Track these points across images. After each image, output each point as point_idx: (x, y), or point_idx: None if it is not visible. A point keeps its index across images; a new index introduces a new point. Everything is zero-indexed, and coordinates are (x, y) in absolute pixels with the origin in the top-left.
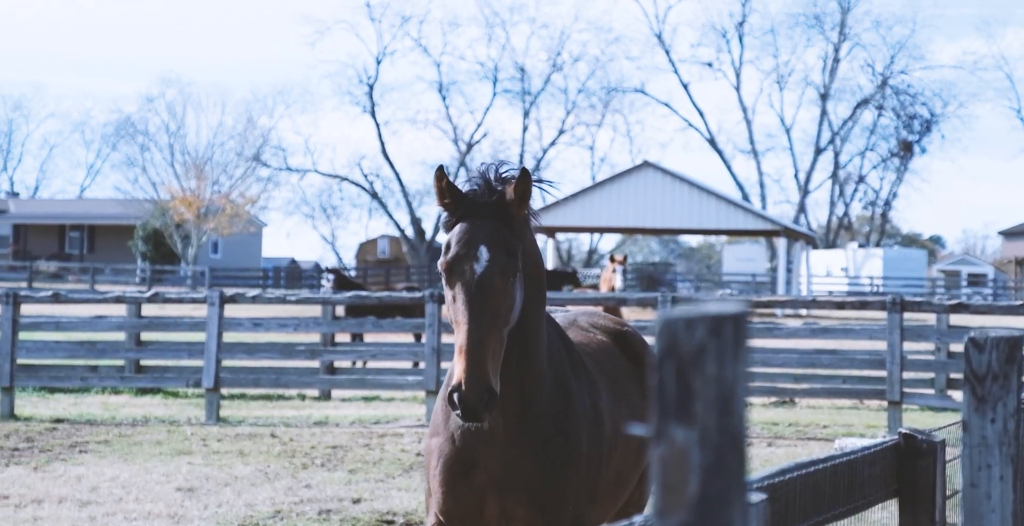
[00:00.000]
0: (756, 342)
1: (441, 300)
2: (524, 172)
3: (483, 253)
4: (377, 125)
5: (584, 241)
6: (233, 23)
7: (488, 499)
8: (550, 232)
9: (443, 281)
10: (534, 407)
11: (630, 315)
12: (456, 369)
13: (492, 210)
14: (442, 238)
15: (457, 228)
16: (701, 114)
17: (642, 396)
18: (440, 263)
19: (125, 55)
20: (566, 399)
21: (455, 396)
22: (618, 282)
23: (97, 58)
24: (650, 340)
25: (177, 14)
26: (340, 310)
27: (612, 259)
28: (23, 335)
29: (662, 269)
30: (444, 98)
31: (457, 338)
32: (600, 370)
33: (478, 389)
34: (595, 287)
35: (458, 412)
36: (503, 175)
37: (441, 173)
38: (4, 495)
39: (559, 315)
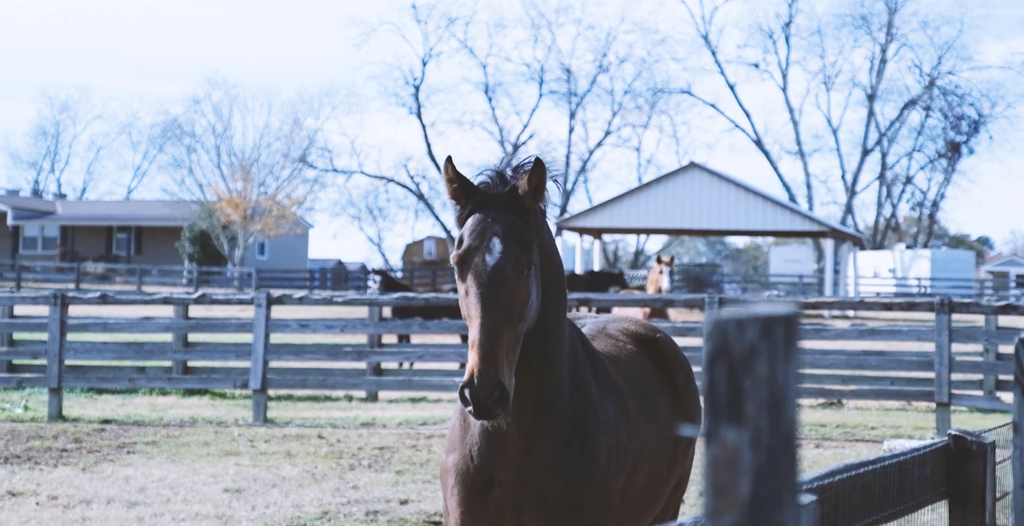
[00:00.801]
0: (804, 343)
1: None
2: (538, 162)
3: (496, 245)
4: (423, 126)
5: (631, 242)
6: (279, 25)
7: (505, 515)
8: (596, 233)
9: (456, 275)
10: (550, 414)
11: (677, 316)
12: (468, 364)
13: (505, 202)
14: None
15: (470, 220)
16: (747, 115)
17: (673, 406)
18: (452, 256)
19: (172, 57)
20: (586, 407)
21: (466, 391)
22: (665, 283)
23: (144, 60)
24: (698, 342)
25: (224, 16)
26: (387, 311)
27: (659, 260)
28: (71, 336)
29: (709, 270)
30: (490, 99)
31: (470, 333)
32: (628, 381)
33: (490, 384)
34: (642, 288)
35: (470, 408)
36: (517, 167)
37: (450, 163)
38: (53, 495)
39: (588, 322)
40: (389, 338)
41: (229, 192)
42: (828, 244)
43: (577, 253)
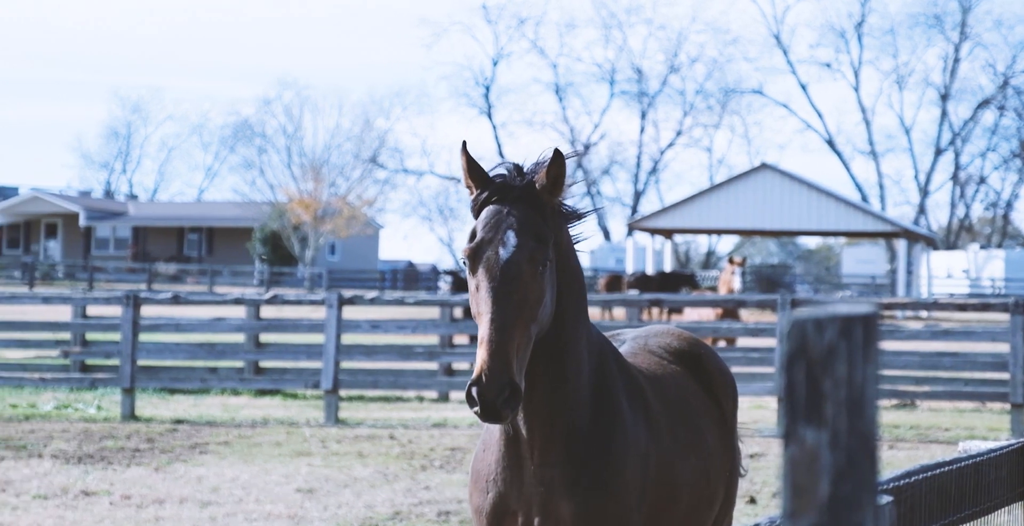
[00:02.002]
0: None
1: None
2: (557, 153)
3: (510, 238)
4: (494, 127)
5: (702, 243)
6: (350, 26)
7: None
8: (668, 234)
9: (467, 269)
10: (567, 436)
11: (749, 317)
12: (477, 362)
13: (522, 194)
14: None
15: (484, 212)
16: (820, 115)
17: (720, 434)
18: (464, 250)
19: (243, 58)
20: (611, 430)
21: (473, 390)
22: (737, 284)
23: (215, 61)
24: (770, 342)
25: (294, 18)
26: (458, 312)
27: (731, 261)
28: (143, 336)
29: (781, 271)
30: (561, 100)
31: (480, 330)
32: (670, 405)
33: (499, 382)
34: (713, 289)
35: (476, 409)
36: (538, 162)
37: (464, 150)
38: (126, 495)
39: (629, 338)
40: (460, 339)
41: (300, 193)
42: (901, 245)
43: (648, 254)
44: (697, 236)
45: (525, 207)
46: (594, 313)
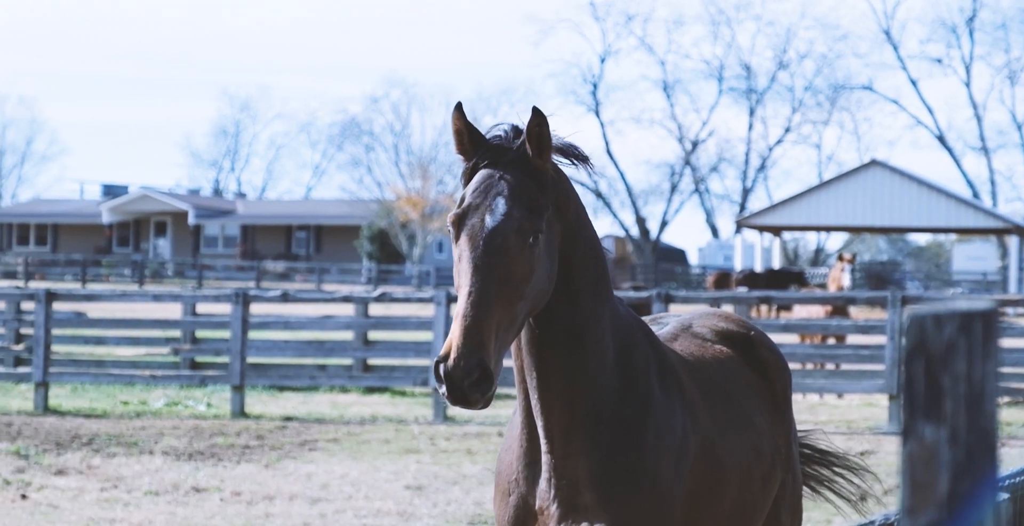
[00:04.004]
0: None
1: (668, 299)
2: (534, 111)
3: (499, 205)
4: (601, 124)
5: (811, 240)
6: (457, 24)
7: None
8: (776, 231)
9: (451, 238)
10: (589, 423)
11: (858, 314)
12: (448, 337)
13: (516, 158)
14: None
15: (476, 177)
16: (930, 111)
17: (772, 415)
18: (449, 216)
19: (350, 56)
20: (641, 415)
21: (440, 368)
22: (846, 281)
23: (323, 60)
24: (880, 339)
25: (402, 16)
26: None
27: (841, 258)
28: (252, 334)
29: (890, 268)
30: (669, 97)
31: (457, 304)
32: (710, 386)
33: (468, 362)
34: (823, 286)
35: (443, 390)
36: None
37: (459, 111)
38: (236, 492)
39: (672, 321)
40: None
41: (407, 191)
42: (1013, 241)
43: (757, 251)
44: (806, 233)
45: (519, 172)
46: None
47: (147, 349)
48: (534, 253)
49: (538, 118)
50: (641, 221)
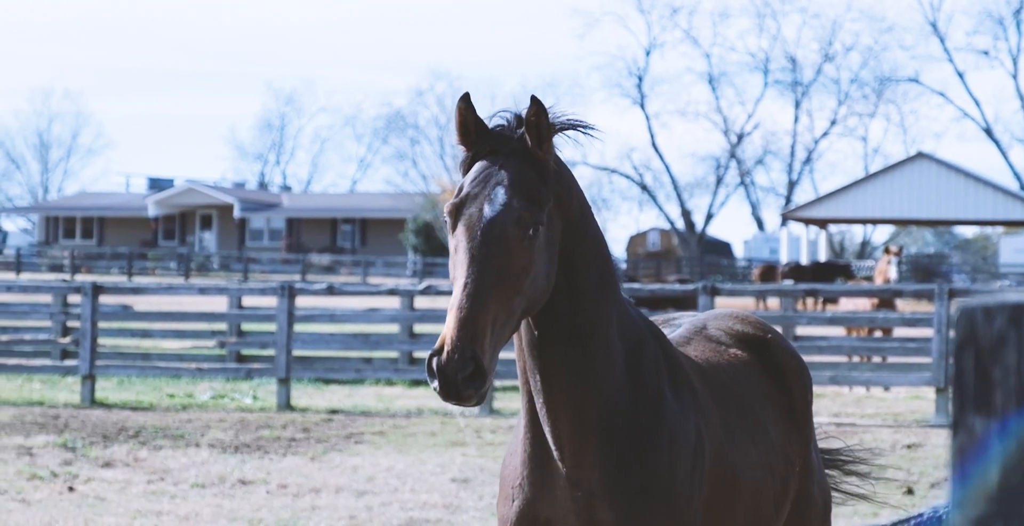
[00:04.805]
0: None
1: (714, 292)
2: (532, 100)
3: (498, 195)
4: (647, 117)
5: (857, 233)
6: (502, 17)
7: None
8: (822, 224)
9: (447, 228)
10: (601, 432)
11: (905, 307)
12: (443, 331)
13: (518, 148)
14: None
15: (474, 167)
16: (977, 103)
17: (786, 426)
18: (446, 205)
19: (395, 49)
20: (654, 424)
21: (433, 362)
22: (893, 274)
23: (367, 52)
24: (927, 332)
25: (447, 9)
26: None
27: (887, 251)
28: (298, 327)
29: (937, 260)
30: (714, 90)
31: (452, 296)
32: (724, 394)
33: (463, 356)
34: (869, 279)
35: (435, 384)
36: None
37: (466, 101)
38: (282, 484)
39: (685, 322)
40: None
41: (452, 184)
42: None
43: (803, 244)
44: (852, 226)
45: (521, 162)
46: (748, 303)
47: (193, 342)
48: (534, 246)
49: (536, 107)
50: (687, 214)
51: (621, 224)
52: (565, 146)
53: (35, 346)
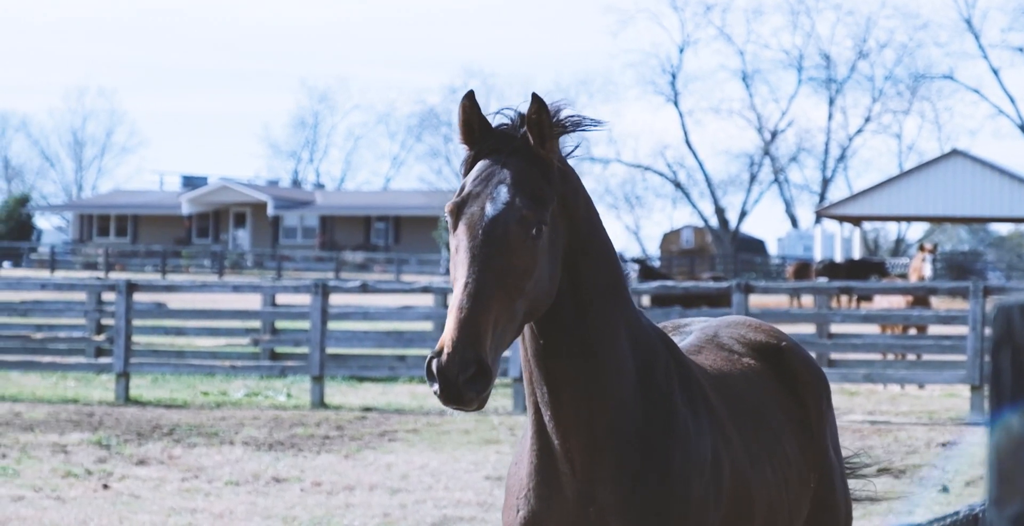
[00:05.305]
0: None
1: (748, 290)
2: (533, 98)
3: (501, 193)
4: (680, 115)
5: (891, 230)
6: (536, 14)
7: None
8: (856, 221)
9: (448, 227)
10: (614, 445)
11: (939, 305)
12: (444, 333)
13: (522, 146)
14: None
15: (476, 166)
16: (1012, 100)
17: (800, 439)
18: (447, 205)
19: (429, 47)
20: (668, 430)
21: (433, 364)
22: (927, 271)
23: (401, 50)
24: (962, 330)
25: (480, 6)
26: (645, 300)
27: (922, 248)
28: (332, 325)
29: (972, 258)
30: (748, 87)
31: (452, 296)
32: (738, 405)
33: (463, 357)
34: (903, 276)
35: (436, 387)
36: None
37: (471, 99)
38: (316, 482)
39: (696, 329)
40: None
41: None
42: None
43: (837, 241)
44: (886, 223)
45: (523, 161)
46: (782, 301)
47: (227, 339)
48: (537, 246)
49: (537, 105)
50: (720, 211)
51: (655, 221)
52: (597, 143)
53: (69, 344)
